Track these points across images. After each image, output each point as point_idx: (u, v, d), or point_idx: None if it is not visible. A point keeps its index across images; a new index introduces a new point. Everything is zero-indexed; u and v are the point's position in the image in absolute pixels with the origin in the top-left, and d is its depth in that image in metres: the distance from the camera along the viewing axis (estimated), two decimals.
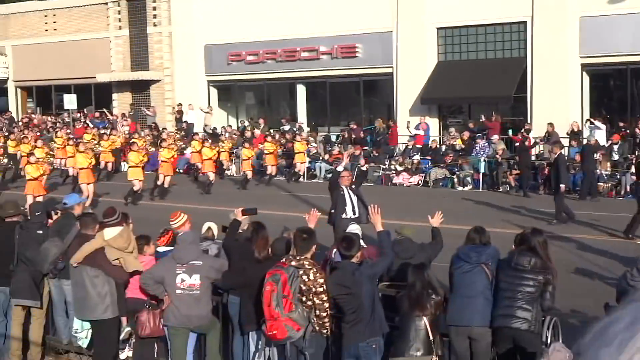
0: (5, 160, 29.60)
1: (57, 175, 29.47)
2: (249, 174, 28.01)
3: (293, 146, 29.76)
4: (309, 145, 30.73)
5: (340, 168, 15.75)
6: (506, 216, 20.17)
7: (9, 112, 43.51)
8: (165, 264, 9.02)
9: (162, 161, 25.76)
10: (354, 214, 14.26)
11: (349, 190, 14.62)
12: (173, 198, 24.60)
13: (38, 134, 34.34)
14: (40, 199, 20.80)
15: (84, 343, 10.07)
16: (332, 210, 14.57)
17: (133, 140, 28.00)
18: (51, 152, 29.48)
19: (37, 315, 10.62)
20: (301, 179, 29.46)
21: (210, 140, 28.38)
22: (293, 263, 7.84)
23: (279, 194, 25.82)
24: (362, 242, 9.60)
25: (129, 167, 24.81)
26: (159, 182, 25.29)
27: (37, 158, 23.56)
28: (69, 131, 34.65)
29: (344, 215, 14.22)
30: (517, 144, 26.94)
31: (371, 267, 8.03)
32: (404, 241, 9.78)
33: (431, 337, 7.64)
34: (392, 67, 32.79)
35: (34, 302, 10.36)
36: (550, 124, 27.54)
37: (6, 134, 34.16)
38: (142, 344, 9.71)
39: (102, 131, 33.72)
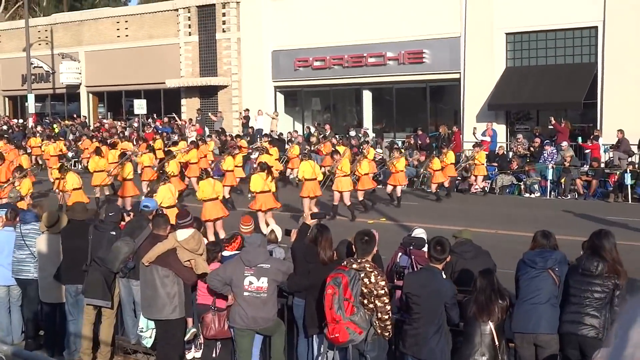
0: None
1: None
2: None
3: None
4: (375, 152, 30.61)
5: None
6: (575, 223, 19.86)
7: (82, 117, 44.51)
8: (234, 266, 9.12)
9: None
10: None
11: None
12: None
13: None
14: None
15: (148, 343, 10.25)
16: None
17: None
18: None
19: (108, 315, 10.84)
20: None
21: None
22: (354, 266, 7.87)
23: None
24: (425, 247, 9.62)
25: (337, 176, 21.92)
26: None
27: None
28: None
29: None
30: None
31: (452, 299, 7.97)
32: (465, 242, 9.79)
33: (497, 343, 7.61)
34: (459, 72, 32.58)
35: (105, 302, 10.58)
36: (621, 131, 27.02)
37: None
38: (208, 346, 9.88)
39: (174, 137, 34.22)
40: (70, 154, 32.64)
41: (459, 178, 27.36)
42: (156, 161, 26.54)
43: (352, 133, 33.41)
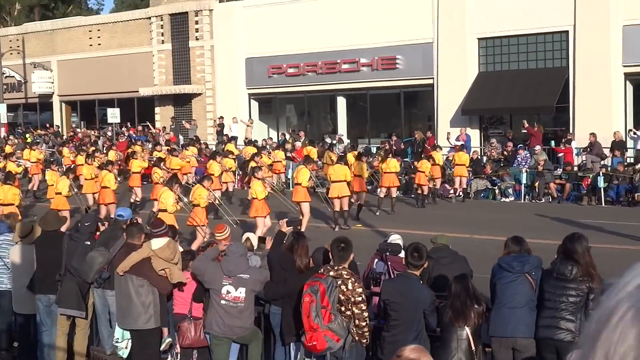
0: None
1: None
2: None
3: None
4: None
5: None
6: (550, 226, 19.96)
7: (55, 126, 44.20)
8: (214, 271, 9.03)
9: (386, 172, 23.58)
10: None
11: None
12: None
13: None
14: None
15: (124, 353, 10.15)
16: None
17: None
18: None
19: (82, 326, 10.74)
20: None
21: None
22: (331, 273, 7.85)
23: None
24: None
25: (332, 182, 21.38)
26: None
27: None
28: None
29: None
30: None
31: (431, 306, 7.96)
32: (442, 247, 9.79)
33: (473, 348, 7.61)
34: (432, 78, 32.71)
35: (79, 312, 10.47)
36: (593, 134, 27.26)
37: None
38: (185, 355, 9.81)
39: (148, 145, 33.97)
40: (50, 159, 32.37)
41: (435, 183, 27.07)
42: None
43: (328, 140, 33.39)
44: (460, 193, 26.68)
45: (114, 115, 37.57)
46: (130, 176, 25.58)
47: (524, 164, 27.02)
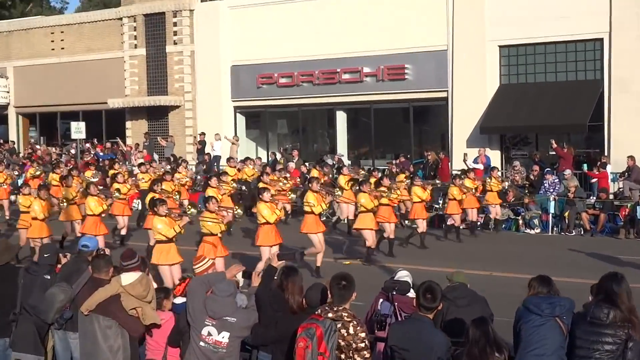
0: None
1: None
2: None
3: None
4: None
5: None
6: (582, 263, 19.94)
7: (10, 142, 44.19)
8: (200, 305, 8.91)
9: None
10: None
11: None
12: None
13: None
14: None
15: None
16: None
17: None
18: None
19: None
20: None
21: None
22: (330, 315, 7.80)
23: None
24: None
25: (361, 212, 21.04)
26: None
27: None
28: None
29: None
30: None
31: (446, 354, 7.91)
32: (459, 287, 9.76)
33: None
34: (446, 90, 32.78)
35: (36, 357, 10.41)
36: (631, 157, 27.26)
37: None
38: None
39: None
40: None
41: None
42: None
43: (329, 161, 33.32)
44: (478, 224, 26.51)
45: (78, 129, 37.55)
46: (113, 203, 25.20)
47: (552, 190, 27.01)
